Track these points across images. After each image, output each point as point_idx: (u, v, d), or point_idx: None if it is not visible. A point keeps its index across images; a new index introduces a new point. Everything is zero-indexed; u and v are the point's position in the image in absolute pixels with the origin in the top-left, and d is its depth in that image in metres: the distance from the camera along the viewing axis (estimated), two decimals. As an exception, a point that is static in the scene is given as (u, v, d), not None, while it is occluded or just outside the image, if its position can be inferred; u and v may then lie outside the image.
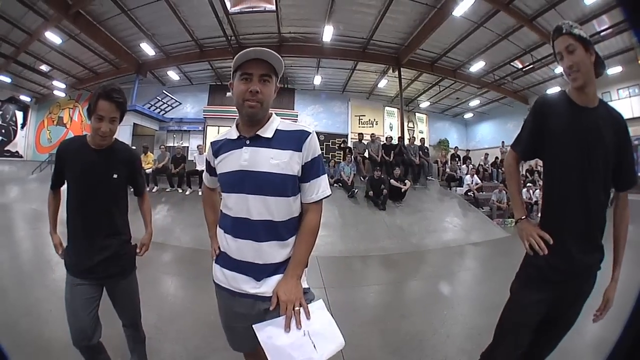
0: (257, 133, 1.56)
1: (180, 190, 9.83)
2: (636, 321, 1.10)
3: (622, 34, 12.24)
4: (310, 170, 1.58)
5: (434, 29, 12.25)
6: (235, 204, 1.58)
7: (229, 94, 2.06)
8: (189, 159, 10.82)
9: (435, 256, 6.84)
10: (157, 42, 14.13)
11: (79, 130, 17.68)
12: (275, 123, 1.60)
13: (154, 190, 9.82)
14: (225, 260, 1.64)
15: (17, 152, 18.29)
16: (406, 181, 9.78)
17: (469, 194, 11.07)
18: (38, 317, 3.38)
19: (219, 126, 17.53)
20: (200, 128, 18.16)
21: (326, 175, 1.66)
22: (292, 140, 1.55)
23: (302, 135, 1.56)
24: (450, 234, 8.36)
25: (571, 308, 1.76)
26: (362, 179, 10.13)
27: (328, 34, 12.84)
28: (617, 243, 1.76)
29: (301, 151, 1.54)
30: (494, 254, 6.92)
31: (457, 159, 13.44)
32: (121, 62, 15.35)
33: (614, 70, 14.69)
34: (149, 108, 16.66)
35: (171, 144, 16.03)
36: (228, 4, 11.60)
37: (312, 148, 1.57)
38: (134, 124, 15.62)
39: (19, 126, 18.42)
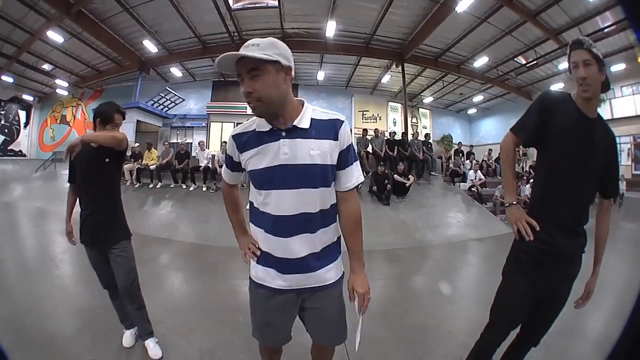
0: (294, 124, 1.50)
1: (184, 186, 9.84)
2: (636, 321, 1.11)
3: (626, 31, 12.06)
4: (346, 158, 1.59)
5: (437, 24, 12.22)
6: (278, 202, 1.53)
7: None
8: (192, 155, 10.82)
9: (439, 251, 6.83)
10: (160, 39, 14.16)
11: (82, 128, 17.76)
12: (309, 112, 1.55)
13: (158, 187, 9.86)
14: (269, 260, 1.61)
15: (20, 151, 18.39)
16: (410, 176, 9.74)
17: (472, 189, 11.03)
18: (42, 314, 3.41)
19: (222, 122, 17.70)
20: (203, 124, 18.24)
21: (358, 161, 1.68)
22: (329, 129, 1.54)
23: (337, 123, 1.56)
24: (454, 230, 8.34)
25: (559, 289, 1.89)
26: (366, 174, 10.13)
27: (331, 29, 12.81)
28: (598, 243, 1.90)
29: (337, 140, 1.55)
30: (497, 249, 6.87)
31: (460, 155, 13.39)
32: (124, 59, 15.38)
33: (617, 67, 14.59)
34: (152, 105, 16.68)
35: (175, 141, 16.06)
36: (231, 0, 11.62)
37: (346, 135, 1.58)
38: (138, 120, 15.62)
39: (22, 125, 18.49)
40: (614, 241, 9.34)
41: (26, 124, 18.64)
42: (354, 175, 1.63)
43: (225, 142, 10.18)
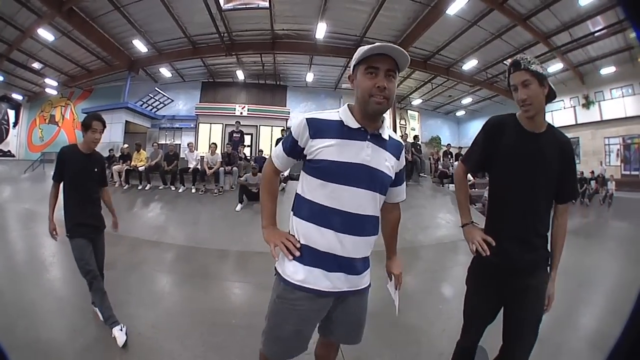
0: (378, 131, 1.59)
1: (173, 188, 9.75)
2: (636, 321, 1.10)
3: (617, 35, 12.42)
4: (402, 177, 1.80)
5: (427, 27, 12.32)
6: (351, 199, 1.53)
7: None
8: (181, 156, 10.73)
9: (429, 252, 6.87)
10: (150, 39, 14.08)
11: (71, 128, 17.53)
12: (386, 125, 1.66)
13: (147, 188, 9.75)
14: (315, 258, 1.56)
15: (9, 151, 18.07)
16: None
17: (461, 190, 11.12)
18: (34, 318, 3.35)
19: (211, 123, 17.57)
20: (192, 125, 18.07)
21: None
22: (396, 148, 1.70)
23: (400, 146, 1.74)
24: (444, 230, 8.39)
25: (523, 300, 1.89)
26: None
27: (321, 31, 12.86)
28: (553, 247, 1.95)
29: (399, 160, 1.72)
30: (487, 248, 6.95)
31: (449, 156, 13.50)
32: (113, 59, 15.23)
33: (607, 70, 15.06)
34: (141, 105, 16.53)
35: (163, 142, 15.93)
36: (222, 1, 11.60)
37: (403, 158, 1.76)
38: (126, 121, 15.48)
39: (11, 125, 18.17)
40: (605, 239, 9.57)
41: (15, 124, 18.32)
42: (404, 191, 1.85)
43: (214, 144, 10.13)
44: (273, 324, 1.65)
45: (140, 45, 14.23)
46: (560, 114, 17.68)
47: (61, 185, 3.14)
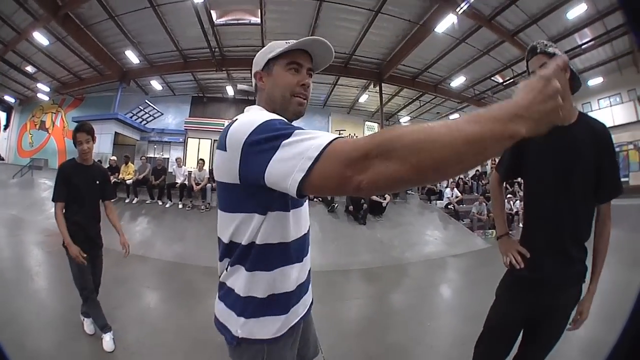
0: None
1: (160, 203, 9.69)
2: (636, 322, 1.08)
3: (604, 46, 12.71)
4: None
5: (416, 45, 12.50)
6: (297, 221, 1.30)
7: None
8: (169, 170, 10.67)
9: (417, 269, 6.89)
10: (142, 50, 14.04)
11: (61, 136, 17.26)
12: None
13: (134, 202, 9.68)
14: (295, 295, 1.34)
15: (-2, 154, 17.72)
16: (386, 195, 9.80)
17: (449, 207, 11.21)
18: (20, 327, 3.35)
19: (199, 138, 17.51)
20: (180, 140, 18.00)
21: None
22: None
23: None
24: (432, 247, 8.44)
25: (551, 317, 1.79)
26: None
27: (310, 48, 12.89)
28: (595, 256, 1.77)
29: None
30: (476, 264, 7.01)
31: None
32: (105, 68, 15.15)
33: (595, 81, 15.21)
34: (131, 117, 16.44)
35: (152, 155, 15.82)
36: (214, 15, 11.72)
37: None
38: (116, 132, 15.40)
39: (2, 127, 17.81)
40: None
41: (6, 127, 17.94)
42: None
43: (202, 160, 10.14)
44: None
45: (132, 56, 14.19)
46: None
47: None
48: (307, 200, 1.41)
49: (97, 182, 3.18)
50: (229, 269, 1.27)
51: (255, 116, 1.04)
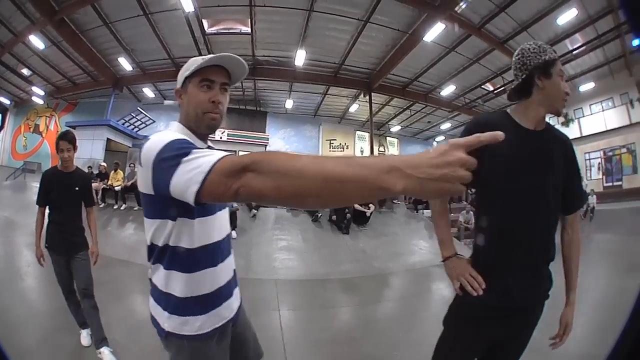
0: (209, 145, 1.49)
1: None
2: (636, 322, 1.06)
3: (596, 51, 12.86)
4: None
5: (405, 54, 12.57)
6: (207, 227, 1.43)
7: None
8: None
9: (398, 279, 6.95)
10: (135, 58, 14.13)
11: (55, 140, 17.17)
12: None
13: (122, 208, 9.76)
14: (204, 301, 1.42)
15: (-7, 156, 17.68)
16: (370, 205, 9.85)
17: (436, 216, 11.21)
18: (7, 325, 3.46)
19: (193, 148, 17.40)
20: None
21: None
22: None
23: None
24: (417, 257, 8.45)
25: (515, 341, 1.67)
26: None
27: (301, 58, 13.03)
28: (569, 267, 1.69)
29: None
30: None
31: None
32: (99, 74, 15.23)
33: (586, 86, 15.38)
34: (123, 124, 16.42)
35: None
36: (206, 25, 11.85)
37: None
38: (108, 139, 15.38)
39: (-3, 129, 17.86)
40: (588, 253, 9.51)
41: (1, 128, 17.98)
42: None
43: None
44: None
45: (125, 63, 14.28)
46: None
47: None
48: (222, 210, 1.51)
49: (77, 188, 3.30)
50: (152, 267, 1.41)
51: (163, 136, 1.15)
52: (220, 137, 17.01)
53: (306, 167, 0.76)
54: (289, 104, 17.58)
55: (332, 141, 19.56)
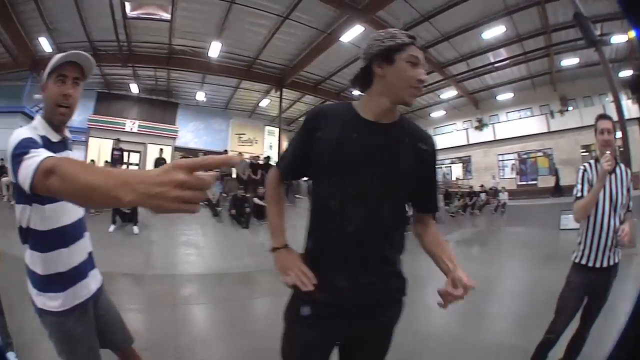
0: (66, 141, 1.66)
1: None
2: (636, 322, 1.04)
3: (520, 66, 14.13)
4: None
5: (320, 52, 13.03)
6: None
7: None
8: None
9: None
10: (55, 39, 13.55)
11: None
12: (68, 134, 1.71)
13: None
14: (61, 279, 1.59)
15: None
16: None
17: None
18: None
19: (103, 138, 16.59)
20: (82, 139, 16.52)
21: None
22: None
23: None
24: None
25: (368, 342, 1.49)
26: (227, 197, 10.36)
27: (216, 49, 13.10)
28: (438, 253, 1.46)
29: None
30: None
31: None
32: (20, 54, 14.36)
33: (504, 96, 17.31)
34: (37, 112, 15.46)
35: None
36: (128, 8, 11.71)
37: None
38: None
39: None
40: (501, 244, 10.03)
41: None
42: None
43: (92, 161, 9.88)
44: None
45: (45, 44, 13.60)
46: (452, 135, 19.93)
47: None
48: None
49: None
50: (24, 247, 1.58)
51: (17, 134, 1.33)
52: (131, 128, 16.60)
53: (77, 174, 0.82)
54: (201, 96, 17.49)
55: (241, 135, 19.58)
